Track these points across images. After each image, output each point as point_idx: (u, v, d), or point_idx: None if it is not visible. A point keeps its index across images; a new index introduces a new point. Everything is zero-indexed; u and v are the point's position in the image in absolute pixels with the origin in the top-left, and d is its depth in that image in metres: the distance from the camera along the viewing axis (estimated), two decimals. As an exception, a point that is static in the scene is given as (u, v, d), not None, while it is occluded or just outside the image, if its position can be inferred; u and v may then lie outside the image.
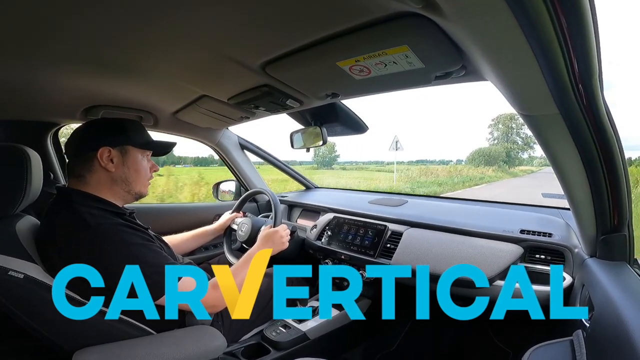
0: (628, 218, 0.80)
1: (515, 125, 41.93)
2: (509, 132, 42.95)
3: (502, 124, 43.64)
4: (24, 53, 0.78)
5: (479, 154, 41.78)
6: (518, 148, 42.35)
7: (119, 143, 0.98)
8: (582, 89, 0.55)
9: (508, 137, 42.93)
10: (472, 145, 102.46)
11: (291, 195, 2.17)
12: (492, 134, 45.18)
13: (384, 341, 1.62)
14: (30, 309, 0.76)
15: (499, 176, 28.12)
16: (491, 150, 41.46)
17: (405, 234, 1.36)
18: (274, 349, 1.15)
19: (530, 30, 0.45)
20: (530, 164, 45.55)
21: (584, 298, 0.84)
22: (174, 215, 1.81)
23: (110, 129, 0.99)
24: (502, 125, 43.68)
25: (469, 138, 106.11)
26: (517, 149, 42.27)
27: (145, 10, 0.61)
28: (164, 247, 1.02)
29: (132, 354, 0.82)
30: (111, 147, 0.96)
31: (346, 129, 1.54)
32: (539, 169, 39.26)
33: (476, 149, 42.52)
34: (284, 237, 1.30)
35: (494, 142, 43.48)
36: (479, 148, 42.46)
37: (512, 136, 42.69)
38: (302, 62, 0.80)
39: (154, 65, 0.90)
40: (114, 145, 0.97)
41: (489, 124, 45.90)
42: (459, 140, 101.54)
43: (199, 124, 1.56)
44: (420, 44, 0.64)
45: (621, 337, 0.56)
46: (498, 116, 44.41)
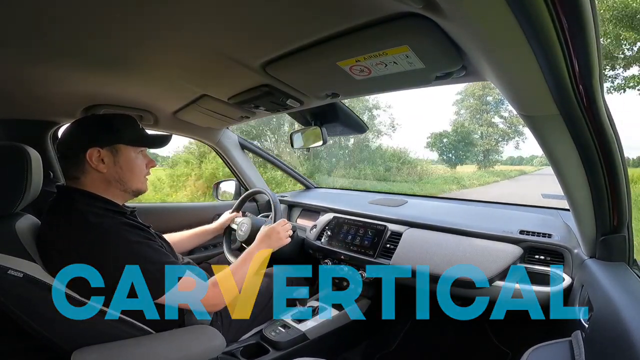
0: (628, 219, 0.80)
1: (492, 99, 23.52)
2: (482, 110, 24.03)
3: (473, 96, 24.23)
4: (24, 52, 0.79)
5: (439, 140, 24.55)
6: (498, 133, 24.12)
7: (109, 142, 0.94)
8: (583, 89, 0.55)
9: (481, 115, 24.25)
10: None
11: (291, 195, 2.17)
12: (460, 114, 25.45)
13: (384, 341, 1.62)
14: (29, 308, 0.76)
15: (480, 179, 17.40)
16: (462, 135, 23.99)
17: (404, 234, 1.36)
18: (273, 348, 1.15)
19: (530, 31, 0.45)
20: (526, 162, 33.32)
21: (583, 298, 0.84)
22: (174, 215, 1.82)
23: (99, 128, 0.95)
24: (473, 99, 24.29)
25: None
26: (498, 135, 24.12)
27: (145, 10, 0.61)
28: (164, 246, 1.02)
29: (131, 353, 0.83)
30: (100, 148, 0.92)
31: (346, 128, 1.54)
32: (538, 168, 29.01)
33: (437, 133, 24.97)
34: (282, 232, 1.29)
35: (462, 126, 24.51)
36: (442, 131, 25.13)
37: (488, 115, 24.07)
38: (303, 62, 0.80)
39: (154, 65, 0.90)
40: (103, 145, 0.93)
41: (454, 100, 26.28)
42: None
43: (199, 123, 1.56)
44: (421, 44, 0.64)
45: (620, 338, 0.56)
46: (466, 87, 23.82)
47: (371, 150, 15.87)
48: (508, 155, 34.39)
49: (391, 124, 17.65)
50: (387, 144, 21.54)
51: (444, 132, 25.10)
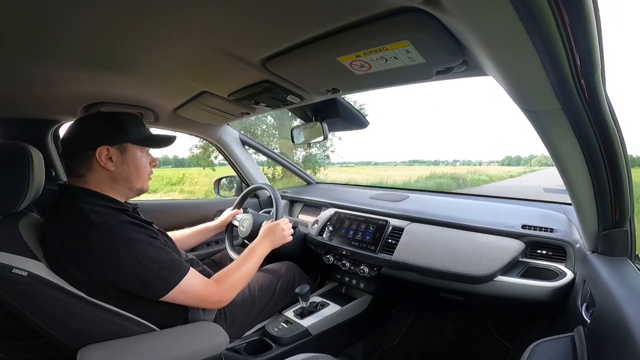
0: (630, 213, 0.79)
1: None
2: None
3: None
4: (25, 51, 0.78)
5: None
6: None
7: (118, 141, 0.95)
8: (584, 84, 0.54)
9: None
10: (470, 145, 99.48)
11: (292, 191, 2.17)
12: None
13: (386, 336, 1.63)
14: (34, 306, 0.77)
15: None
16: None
17: (406, 229, 1.36)
18: (276, 344, 1.16)
19: (532, 25, 0.45)
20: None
21: (585, 293, 0.84)
22: (176, 212, 1.82)
23: (108, 126, 0.96)
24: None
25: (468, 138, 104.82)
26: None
27: (145, 7, 0.61)
28: (168, 242, 1.02)
29: (136, 350, 0.83)
30: (109, 146, 0.93)
31: (347, 124, 1.54)
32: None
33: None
34: (286, 230, 1.30)
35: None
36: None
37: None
38: (303, 58, 0.80)
39: (154, 62, 0.90)
40: (112, 143, 0.94)
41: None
42: (454, 140, 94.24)
43: (199, 120, 1.56)
44: (422, 39, 0.64)
45: (622, 333, 0.56)
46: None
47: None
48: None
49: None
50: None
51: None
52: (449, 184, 16.63)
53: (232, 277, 1.04)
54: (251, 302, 1.20)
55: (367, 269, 1.39)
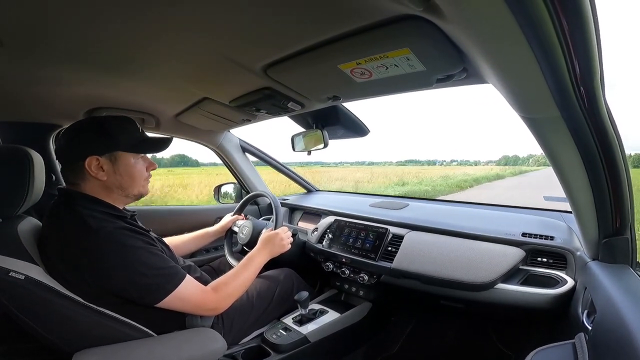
0: (630, 221, 0.80)
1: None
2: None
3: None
4: (26, 55, 0.79)
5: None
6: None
7: (107, 150, 0.92)
8: (584, 90, 0.55)
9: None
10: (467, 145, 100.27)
11: (292, 198, 2.17)
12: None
13: (385, 344, 1.61)
14: (31, 310, 0.76)
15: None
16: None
17: (406, 237, 1.36)
18: (274, 351, 1.15)
19: (531, 32, 0.45)
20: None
21: (586, 301, 0.84)
22: (175, 218, 1.82)
23: (96, 135, 0.91)
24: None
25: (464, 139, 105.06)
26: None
27: (148, 14, 0.62)
28: (165, 250, 1.02)
29: (132, 355, 0.82)
30: (99, 156, 0.90)
31: (348, 131, 1.54)
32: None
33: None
34: (285, 239, 1.30)
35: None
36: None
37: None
38: (304, 65, 0.80)
39: (156, 68, 0.90)
40: (101, 153, 0.91)
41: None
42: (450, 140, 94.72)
43: (200, 126, 1.57)
44: (422, 47, 0.64)
45: (623, 341, 0.56)
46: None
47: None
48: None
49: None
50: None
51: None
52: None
53: (229, 285, 1.04)
54: (249, 308, 1.19)
55: (367, 277, 1.39)
